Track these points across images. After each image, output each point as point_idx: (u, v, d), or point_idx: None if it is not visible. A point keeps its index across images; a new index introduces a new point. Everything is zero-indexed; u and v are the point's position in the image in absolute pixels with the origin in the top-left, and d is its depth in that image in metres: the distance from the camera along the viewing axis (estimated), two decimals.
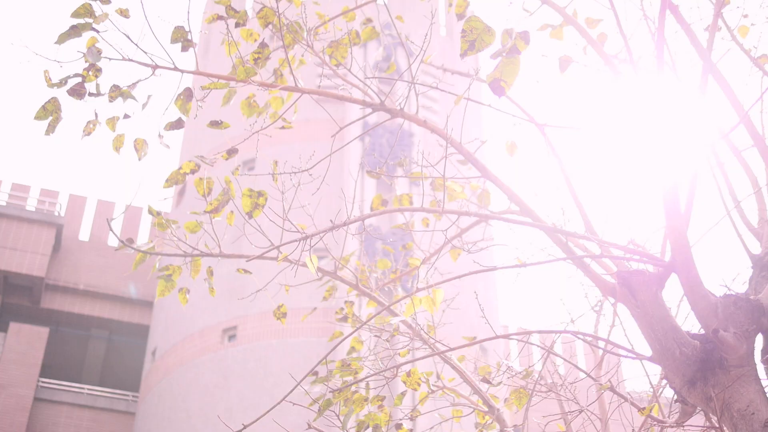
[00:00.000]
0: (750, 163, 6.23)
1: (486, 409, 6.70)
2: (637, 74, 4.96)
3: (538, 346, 5.70)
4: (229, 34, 5.41)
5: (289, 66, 5.60)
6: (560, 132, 5.76)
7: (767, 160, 5.53)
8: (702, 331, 5.21)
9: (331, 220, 5.23)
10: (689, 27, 5.31)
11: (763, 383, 5.15)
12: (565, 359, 5.91)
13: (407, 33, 7.90)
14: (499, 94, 3.82)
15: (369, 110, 5.63)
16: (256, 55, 5.57)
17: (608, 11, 7.46)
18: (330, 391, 6.04)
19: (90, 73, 4.93)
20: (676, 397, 5.35)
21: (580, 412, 6.22)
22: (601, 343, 6.69)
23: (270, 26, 5.60)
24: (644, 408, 5.62)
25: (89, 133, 5.05)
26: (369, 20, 6.38)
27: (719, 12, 5.73)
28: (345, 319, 6.97)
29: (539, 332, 5.13)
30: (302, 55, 6.26)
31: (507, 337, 5.60)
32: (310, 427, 6.17)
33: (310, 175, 5.88)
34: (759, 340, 5.38)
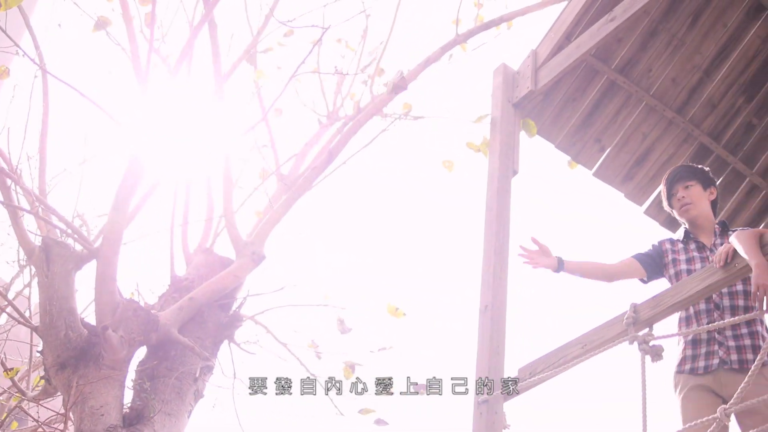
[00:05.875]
0: (216, 194, 6.41)
1: None
2: (151, 67, 4.98)
3: None
4: None
5: None
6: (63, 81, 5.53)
7: (227, 197, 5.81)
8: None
9: None
10: (217, 50, 5.47)
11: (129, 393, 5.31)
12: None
13: None
14: None
15: None
16: None
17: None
18: None
19: None
20: (44, 374, 5.32)
21: None
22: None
23: None
24: (11, 369, 5.48)
25: None
26: None
27: (253, 48, 6.01)
28: None
29: None
30: None
31: None
32: None
33: None
34: (144, 351, 5.58)
